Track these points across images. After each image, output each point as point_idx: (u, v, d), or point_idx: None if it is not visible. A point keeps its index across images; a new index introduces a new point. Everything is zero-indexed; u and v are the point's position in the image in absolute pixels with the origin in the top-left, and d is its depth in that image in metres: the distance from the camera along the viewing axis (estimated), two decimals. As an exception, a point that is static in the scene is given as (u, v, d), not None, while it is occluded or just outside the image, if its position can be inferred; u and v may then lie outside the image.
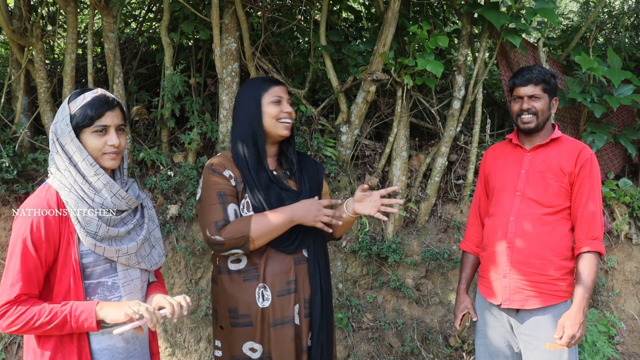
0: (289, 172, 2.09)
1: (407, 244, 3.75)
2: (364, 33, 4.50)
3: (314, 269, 2.03)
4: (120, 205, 1.65)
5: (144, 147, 3.60)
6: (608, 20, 4.55)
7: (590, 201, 2.12)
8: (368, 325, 3.62)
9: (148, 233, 1.75)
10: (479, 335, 2.38)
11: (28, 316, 1.49)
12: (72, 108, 1.60)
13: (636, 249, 4.00)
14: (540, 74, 2.19)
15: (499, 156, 2.37)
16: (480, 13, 3.43)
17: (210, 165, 1.98)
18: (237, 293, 1.95)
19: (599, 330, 3.42)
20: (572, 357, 2.15)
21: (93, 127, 1.60)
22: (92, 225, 1.57)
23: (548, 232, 2.16)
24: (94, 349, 1.61)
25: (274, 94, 2.01)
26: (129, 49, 4.09)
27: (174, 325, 3.42)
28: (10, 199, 3.34)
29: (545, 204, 2.16)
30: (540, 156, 2.22)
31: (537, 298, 2.16)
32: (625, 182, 3.99)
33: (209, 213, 1.91)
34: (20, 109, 3.55)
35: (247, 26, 3.47)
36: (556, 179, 2.15)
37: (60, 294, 1.56)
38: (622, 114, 4.11)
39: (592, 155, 2.17)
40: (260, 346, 1.94)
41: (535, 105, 2.19)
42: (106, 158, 1.63)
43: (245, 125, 1.99)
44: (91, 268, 1.60)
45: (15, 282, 1.49)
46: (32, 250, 1.50)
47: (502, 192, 2.28)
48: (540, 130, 2.23)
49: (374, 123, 4.00)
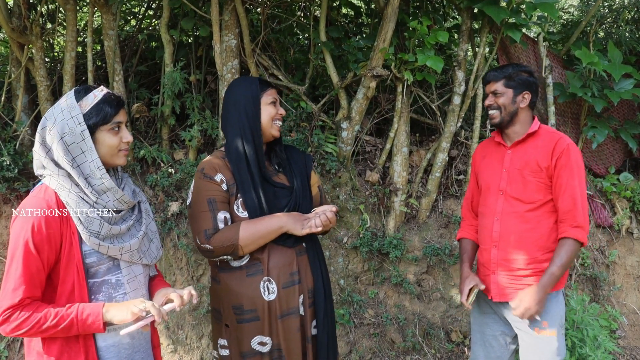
0: (278, 166, 2.12)
1: (408, 239, 3.76)
2: (364, 29, 4.50)
3: (314, 259, 2.07)
4: (121, 207, 1.65)
5: (144, 145, 3.60)
6: (608, 14, 4.54)
7: (568, 190, 2.14)
8: (370, 321, 3.62)
9: (147, 228, 1.75)
10: (475, 323, 2.45)
11: (33, 320, 1.47)
12: (84, 106, 1.57)
13: (637, 243, 4.00)
14: (503, 71, 2.25)
15: (486, 155, 2.43)
16: (480, 8, 3.42)
17: (202, 169, 1.99)
18: (240, 289, 1.96)
19: (600, 325, 3.42)
20: (561, 343, 2.22)
21: (110, 125, 1.59)
22: (94, 225, 1.56)
23: (531, 229, 2.20)
24: (100, 347, 1.61)
25: (271, 95, 2.06)
26: (129, 46, 4.09)
27: (175, 322, 3.43)
28: (11, 197, 3.34)
29: (526, 201, 2.21)
30: (518, 153, 2.27)
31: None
32: (626, 177, 3.99)
33: (199, 220, 1.93)
34: (21, 107, 3.55)
35: (246, 23, 3.47)
36: (534, 175, 2.19)
37: (64, 295, 1.55)
38: (622, 108, 4.10)
39: (569, 145, 2.18)
40: (269, 339, 1.96)
41: (497, 100, 2.25)
42: (121, 155, 1.64)
43: (243, 122, 2.00)
44: (95, 267, 1.60)
45: (18, 286, 1.47)
46: (34, 252, 1.48)
47: (487, 192, 2.35)
48: (512, 124, 2.27)
49: (375, 119, 4.00)
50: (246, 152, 1.98)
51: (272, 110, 2.04)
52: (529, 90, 2.26)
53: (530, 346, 2.24)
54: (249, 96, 2.01)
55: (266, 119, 2.03)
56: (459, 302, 3.73)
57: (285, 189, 2.05)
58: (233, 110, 2.02)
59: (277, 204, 2.00)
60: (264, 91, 2.05)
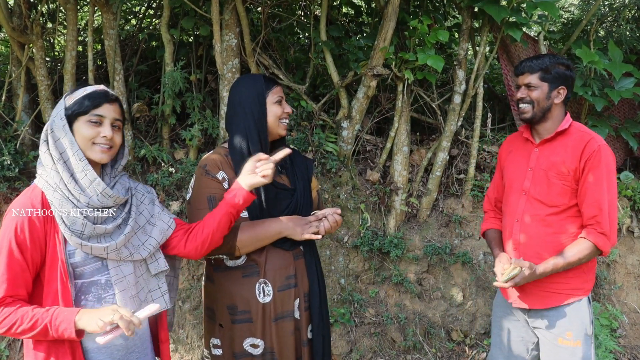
0: (280, 167, 2.09)
1: (408, 238, 3.76)
2: (364, 28, 4.50)
3: (311, 262, 2.06)
4: (107, 203, 1.61)
5: (145, 144, 3.60)
6: (609, 13, 4.53)
7: (595, 195, 2.00)
8: (370, 320, 3.62)
9: (136, 224, 1.70)
10: (495, 327, 2.35)
11: (11, 321, 1.46)
12: (69, 101, 1.59)
13: (638, 242, 4.00)
14: (539, 62, 2.10)
15: (512, 150, 2.30)
16: (480, 7, 3.42)
17: (204, 165, 1.95)
18: (235, 289, 1.94)
19: (601, 324, 3.43)
20: (586, 353, 2.10)
21: (88, 116, 1.57)
22: (77, 225, 1.54)
23: (553, 233, 2.09)
24: (90, 348, 1.59)
25: (276, 94, 2.01)
26: (129, 45, 4.09)
27: (177, 321, 3.43)
28: (12, 196, 3.34)
29: (549, 204, 2.09)
30: (546, 152, 2.14)
31: (545, 299, 2.12)
32: (627, 176, 3.98)
33: (197, 217, 1.90)
34: (21, 106, 3.55)
35: (247, 22, 3.47)
36: (559, 177, 2.06)
37: (50, 296, 1.53)
38: (623, 107, 4.10)
39: (601, 146, 2.03)
40: (261, 341, 1.94)
41: (531, 94, 2.10)
42: (96, 149, 1.59)
43: (249, 122, 1.95)
44: (80, 267, 1.57)
45: (1, 285, 1.47)
46: (16, 252, 1.48)
47: (510, 191, 2.24)
48: (543, 120, 2.13)
49: (375, 118, 4.00)
50: (250, 150, 1.94)
51: (278, 110, 2.00)
52: (565, 85, 2.10)
53: (551, 355, 2.13)
54: (254, 96, 1.97)
55: (272, 118, 1.99)
56: (459, 301, 3.73)
57: (287, 191, 2.03)
58: (238, 109, 1.98)
59: (277, 205, 1.99)
60: (269, 90, 1.99)
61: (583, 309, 2.12)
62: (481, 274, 3.74)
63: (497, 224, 2.37)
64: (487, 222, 2.42)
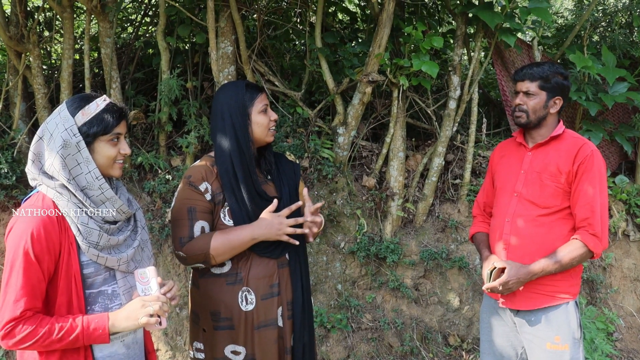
0: (267, 173, 2.08)
1: (405, 244, 3.77)
2: (360, 35, 4.52)
3: (295, 270, 2.05)
4: (120, 218, 1.63)
5: (141, 151, 3.61)
6: (602, 18, 4.57)
7: (587, 198, 2.04)
8: (367, 326, 3.63)
9: (141, 238, 1.73)
10: (484, 332, 2.36)
11: (37, 335, 1.44)
12: (82, 117, 1.54)
13: (634, 245, 4.01)
14: (540, 71, 2.14)
15: (505, 154, 2.34)
16: (474, 13, 3.44)
17: (189, 176, 1.94)
18: (219, 296, 1.95)
19: (597, 327, 3.44)
20: (575, 357, 2.12)
21: (110, 135, 1.57)
22: (93, 236, 1.54)
23: (544, 234, 2.11)
24: (97, 357, 1.60)
25: (261, 102, 1.99)
26: (126, 53, 4.11)
27: (174, 328, 3.43)
28: (9, 204, 3.35)
29: (541, 205, 2.12)
30: (539, 156, 2.17)
31: (534, 300, 2.14)
32: (622, 179, 4.00)
33: (177, 227, 1.92)
34: (18, 115, 3.56)
35: (242, 29, 3.49)
36: (552, 179, 2.10)
37: (63, 306, 1.52)
38: (617, 112, 4.12)
39: (593, 151, 2.08)
40: (243, 348, 1.95)
41: (529, 102, 2.14)
42: (116, 167, 1.61)
43: (231, 134, 1.93)
44: (92, 278, 1.57)
45: (19, 298, 1.43)
46: (35, 261, 1.44)
47: (501, 193, 2.26)
48: (538, 127, 2.18)
49: (371, 124, 4.02)
50: (233, 163, 1.93)
51: (264, 120, 1.98)
52: (561, 96, 2.15)
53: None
54: (236, 106, 1.94)
55: (260, 129, 1.98)
56: (456, 306, 3.74)
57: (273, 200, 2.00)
58: (219, 122, 1.95)
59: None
60: (254, 99, 1.97)
61: (570, 312, 2.14)
62: (478, 279, 3.75)
63: (485, 227, 2.40)
64: (475, 225, 2.45)
